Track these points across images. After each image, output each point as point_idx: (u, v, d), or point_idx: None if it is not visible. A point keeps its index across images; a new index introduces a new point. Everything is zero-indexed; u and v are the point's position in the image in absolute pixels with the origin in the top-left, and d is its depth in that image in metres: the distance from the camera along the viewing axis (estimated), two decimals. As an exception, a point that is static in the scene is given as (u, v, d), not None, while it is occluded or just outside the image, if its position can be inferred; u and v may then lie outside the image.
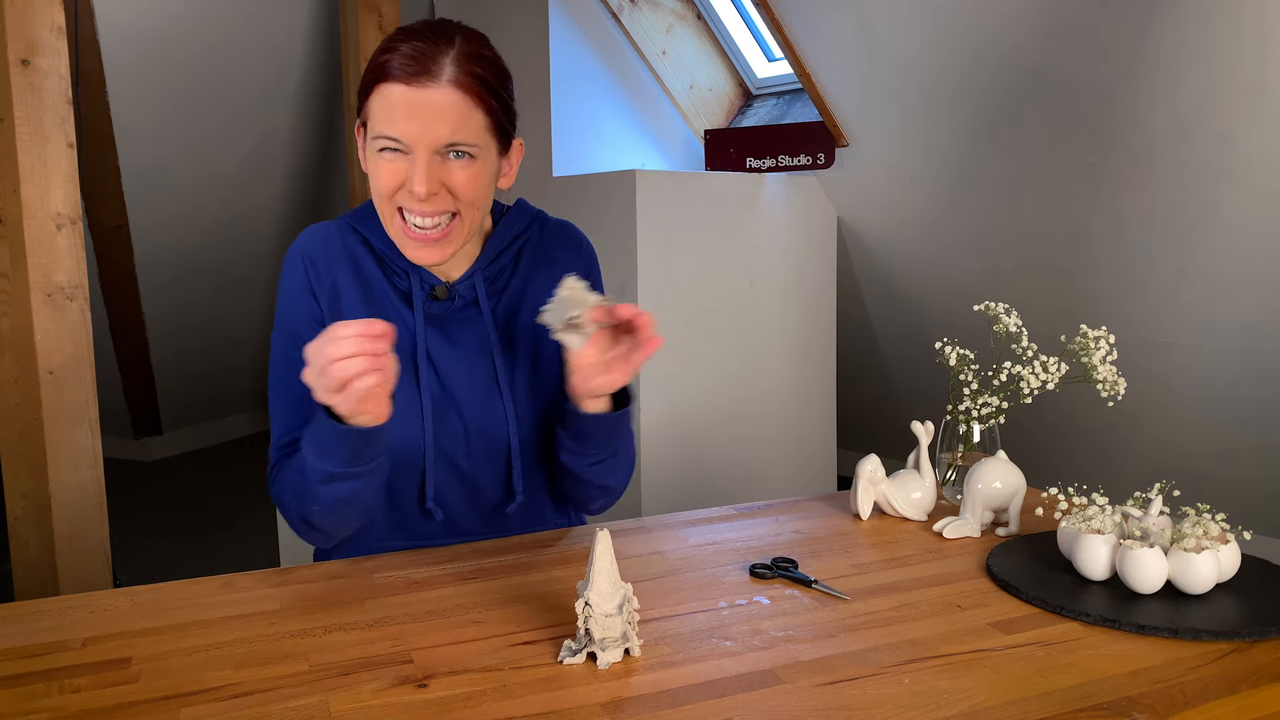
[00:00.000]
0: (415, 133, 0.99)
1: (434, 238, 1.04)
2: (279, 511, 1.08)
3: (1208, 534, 0.93)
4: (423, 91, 0.98)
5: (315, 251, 1.12)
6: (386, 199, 1.04)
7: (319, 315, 1.10)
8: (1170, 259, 2.58)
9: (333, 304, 1.10)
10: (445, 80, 0.99)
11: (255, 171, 3.99)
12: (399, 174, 1.01)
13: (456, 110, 1.00)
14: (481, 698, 0.75)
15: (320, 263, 1.11)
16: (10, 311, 1.95)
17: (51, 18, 1.92)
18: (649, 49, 3.51)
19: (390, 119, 0.99)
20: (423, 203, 1.02)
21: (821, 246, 3.32)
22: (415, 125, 0.99)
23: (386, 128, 1.00)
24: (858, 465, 1.20)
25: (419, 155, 1.00)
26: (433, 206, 1.02)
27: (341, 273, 1.11)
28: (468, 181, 1.03)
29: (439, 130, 0.99)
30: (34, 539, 2.02)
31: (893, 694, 0.75)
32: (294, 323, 1.10)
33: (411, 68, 0.98)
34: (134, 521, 3.51)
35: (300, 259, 1.12)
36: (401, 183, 1.02)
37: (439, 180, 1.01)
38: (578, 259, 1.21)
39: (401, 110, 0.99)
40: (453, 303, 1.12)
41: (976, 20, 2.55)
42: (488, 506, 1.15)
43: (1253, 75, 2.17)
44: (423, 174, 1.00)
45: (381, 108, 1.00)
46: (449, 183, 1.02)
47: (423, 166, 1.00)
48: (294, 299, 1.11)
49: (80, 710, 0.73)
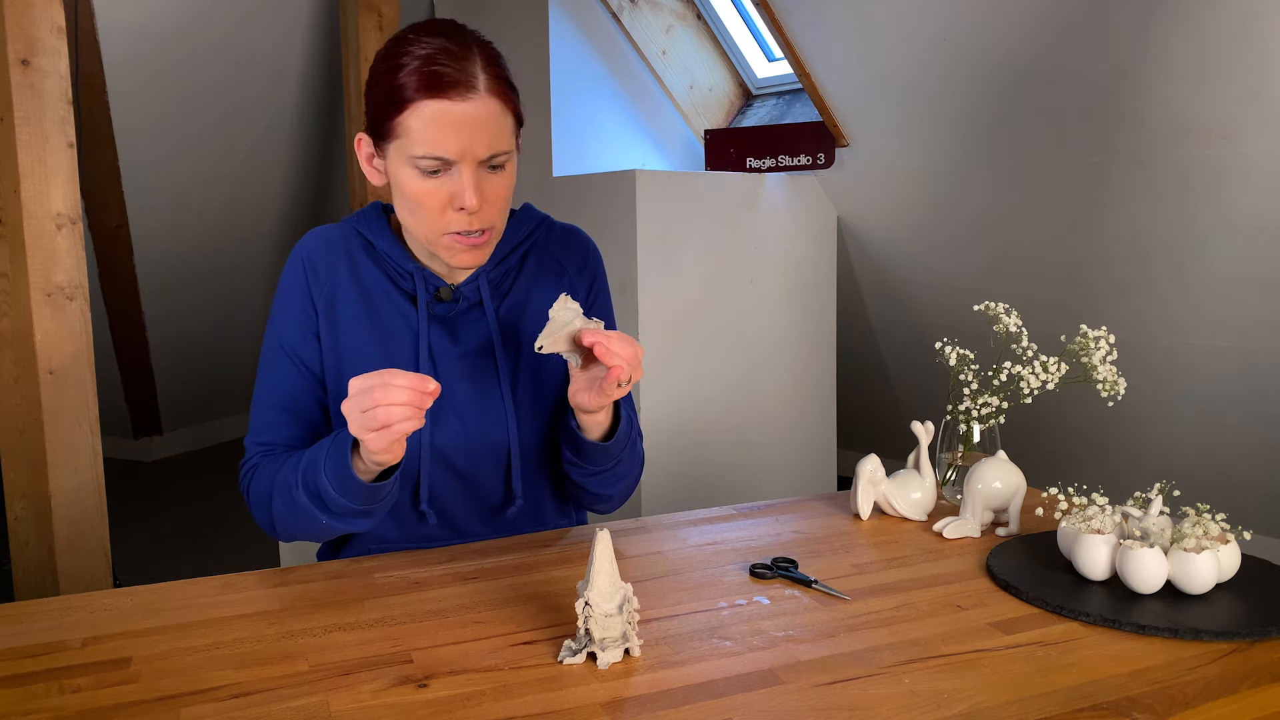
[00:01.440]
0: (462, 148, 0.98)
1: (479, 241, 1.04)
2: (248, 505, 1.09)
3: (1208, 534, 0.93)
4: (464, 105, 0.97)
5: (316, 255, 1.12)
6: (435, 219, 1.02)
7: (312, 323, 1.10)
8: (1170, 259, 2.58)
9: (330, 308, 1.10)
10: (483, 91, 0.98)
11: (255, 171, 3.99)
12: (441, 192, 1.00)
13: (495, 119, 0.99)
14: (481, 698, 0.75)
15: (321, 267, 1.11)
16: (10, 311, 1.95)
17: (51, 18, 1.92)
18: (649, 49, 3.51)
19: (434, 137, 0.97)
20: (472, 216, 1.01)
21: (821, 246, 3.32)
22: (462, 140, 0.98)
23: (432, 147, 0.98)
24: (858, 465, 1.20)
25: (465, 169, 0.99)
26: (480, 220, 1.02)
27: (341, 278, 1.11)
28: (504, 188, 1.03)
29: (483, 142, 0.99)
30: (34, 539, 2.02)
31: (893, 694, 0.75)
32: (284, 329, 1.11)
33: (449, 81, 0.96)
34: (134, 521, 3.51)
35: (301, 263, 1.12)
36: (446, 201, 1.01)
37: (482, 193, 1.01)
38: (584, 264, 1.21)
39: (446, 127, 0.97)
40: (457, 304, 1.12)
41: (977, 20, 2.55)
42: (487, 508, 1.15)
43: (1253, 75, 2.17)
44: (473, 188, 0.99)
45: (421, 126, 0.98)
46: (488, 193, 1.02)
47: (471, 180, 0.99)
48: (289, 304, 1.11)
49: (80, 710, 0.73)
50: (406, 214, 1.05)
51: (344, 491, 0.96)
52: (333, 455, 0.96)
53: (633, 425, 1.14)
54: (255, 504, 1.08)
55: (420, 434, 1.08)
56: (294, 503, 1.00)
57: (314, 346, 1.11)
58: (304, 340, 1.11)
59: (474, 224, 1.02)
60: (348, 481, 0.95)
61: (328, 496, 0.97)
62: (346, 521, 1.00)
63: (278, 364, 1.11)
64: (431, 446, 1.09)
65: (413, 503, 1.11)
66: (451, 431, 1.10)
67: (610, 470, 1.12)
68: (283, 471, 1.03)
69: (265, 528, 1.08)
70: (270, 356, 1.12)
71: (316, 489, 0.97)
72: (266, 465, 1.07)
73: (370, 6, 2.79)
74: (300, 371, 1.11)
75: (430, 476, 1.10)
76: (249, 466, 1.10)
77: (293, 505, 1.00)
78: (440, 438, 1.09)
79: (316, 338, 1.11)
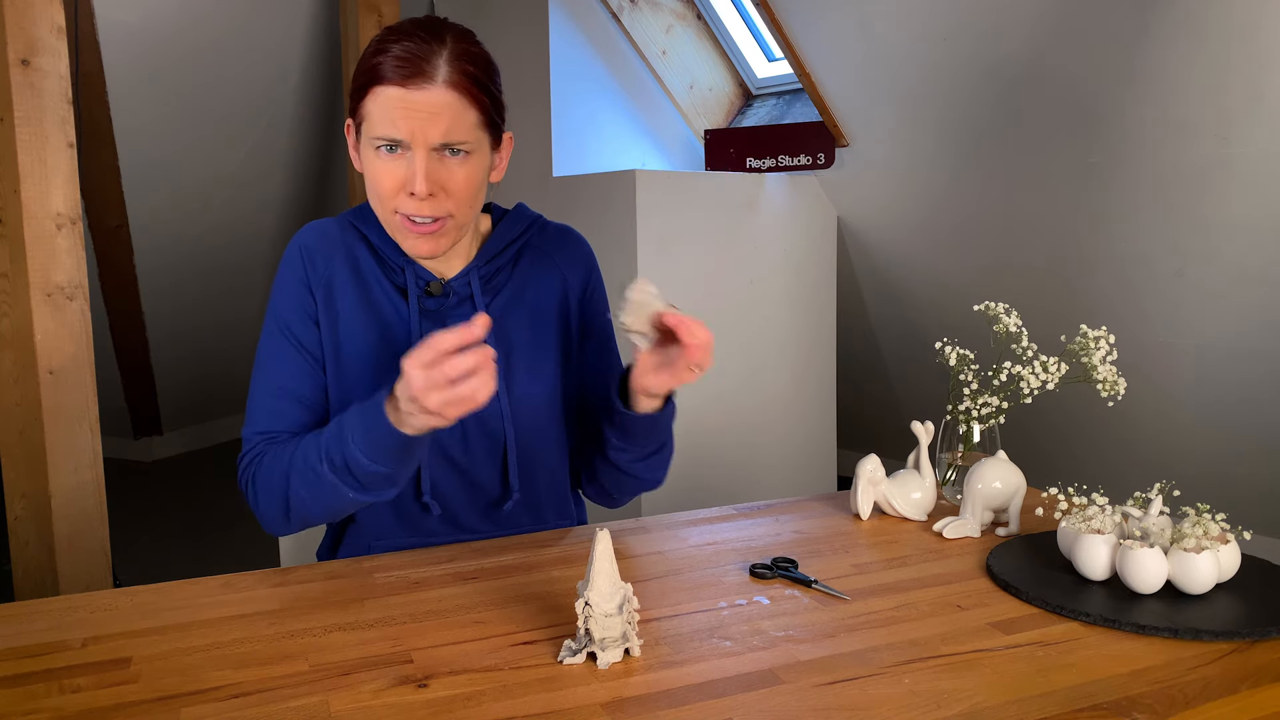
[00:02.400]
0: (412, 133, 1.00)
1: (431, 229, 1.05)
2: (250, 498, 1.08)
3: (1208, 534, 0.93)
4: (418, 93, 1.00)
5: (314, 245, 1.13)
6: (387, 199, 1.05)
7: (312, 309, 1.11)
8: (1170, 259, 2.58)
9: (328, 299, 1.11)
10: (440, 81, 1.00)
11: (255, 171, 3.99)
12: (397, 174, 1.03)
13: (451, 110, 1.01)
14: (481, 698, 0.75)
15: (318, 256, 1.12)
16: (10, 311, 1.95)
17: (51, 18, 1.92)
18: (649, 49, 3.51)
19: (387, 120, 1.01)
20: (421, 202, 1.03)
21: (821, 246, 3.32)
22: (412, 125, 1.00)
23: (384, 129, 1.01)
24: (858, 465, 1.20)
25: (417, 155, 1.01)
26: (430, 206, 1.03)
27: (339, 268, 1.12)
28: (465, 179, 1.04)
29: (435, 130, 1.00)
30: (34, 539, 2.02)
31: (893, 694, 0.75)
32: (285, 315, 1.11)
33: (406, 69, 1.00)
34: (134, 521, 3.51)
35: (299, 252, 1.13)
36: (401, 182, 1.03)
37: (437, 180, 1.03)
38: (578, 263, 1.22)
39: (398, 111, 1.00)
40: (447, 299, 1.13)
41: (977, 20, 2.55)
42: (486, 503, 1.15)
43: (1252, 76, 2.17)
44: (422, 173, 1.01)
45: (378, 109, 1.01)
46: (446, 181, 1.03)
47: (421, 166, 1.01)
48: (289, 292, 1.12)
49: (80, 710, 0.73)
50: (370, 197, 1.08)
51: (377, 456, 0.95)
52: (361, 424, 0.96)
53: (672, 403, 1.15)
54: (262, 492, 1.06)
55: None
56: (319, 479, 0.99)
57: (315, 332, 1.11)
58: (305, 326, 1.11)
59: (424, 209, 1.03)
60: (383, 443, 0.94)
61: (357, 466, 0.96)
62: (375, 490, 0.99)
63: (280, 351, 1.11)
64: (432, 439, 1.09)
65: (415, 494, 1.12)
66: (449, 428, 1.09)
67: (659, 452, 1.14)
68: (299, 453, 1.01)
69: (270, 519, 1.06)
70: (271, 344, 1.11)
71: (345, 461, 0.97)
72: (274, 452, 1.06)
73: (370, 6, 2.79)
74: (303, 357, 1.11)
75: (431, 468, 1.11)
76: (251, 457, 1.09)
77: (317, 482, 0.99)
78: (439, 432, 1.09)
79: (316, 324, 1.11)
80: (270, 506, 1.05)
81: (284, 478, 1.03)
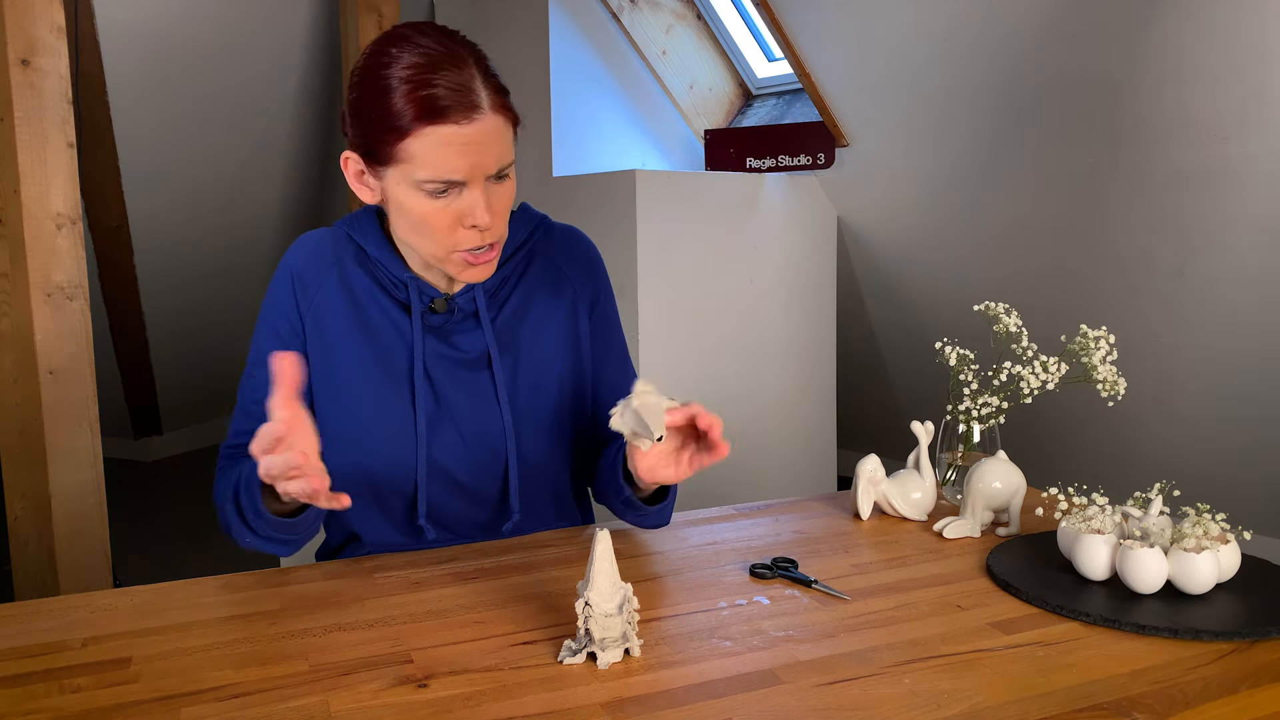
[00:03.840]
0: (471, 168, 0.96)
1: (490, 257, 1.03)
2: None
3: (1208, 534, 0.93)
4: (470, 127, 0.94)
5: (305, 267, 1.09)
6: (444, 239, 0.99)
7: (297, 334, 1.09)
8: (1170, 259, 2.58)
9: (318, 323, 1.08)
10: (486, 108, 0.96)
11: (255, 171, 3.99)
12: (451, 210, 0.98)
13: (501, 136, 0.98)
14: (481, 698, 0.75)
15: (309, 278, 1.09)
16: (10, 311, 1.95)
17: (51, 18, 1.92)
18: (649, 49, 3.51)
19: (442, 163, 0.95)
20: (484, 233, 1.00)
21: (821, 246, 3.32)
22: (470, 160, 0.95)
23: (440, 172, 0.95)
24: (858, 465, 1.20)
25: (475, 188, 0.97)
26: (492, 236, 1.01)
27: (331, 289, 1.09)
28: (509, 198, 1.02)
29: (490, 160, 0.97)
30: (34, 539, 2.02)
31: (893, 694, 0.75)
32: (264, 339, 1.10)
33: (451, 104, 0.93)
34: (134, 521, 3.51)
35: (289, 275, 1.09)
36: (456, 219, 0.98)
37: (492, 209, 0.99)
38: (586, 273, 1.18)
39: (454, 151, 0.94)
40: (452, 314, 1.10)
41: (977, 20, 2.55)
42: (486, 522, 1.13)
43: (1253, 76, 2.17)
44: (485, 205, 0.98)
45: (428, 151, 0.95)
46: (497, 206, 1.00)
47: (482, 199, 0.98)
48: (271, 315, 1.10)
49: (80, 710, 0.73)
50: (410, 233, 1.02)
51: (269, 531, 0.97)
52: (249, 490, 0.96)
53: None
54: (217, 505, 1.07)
55: (417, 448, 1.07)
56: (228, 513, 1.01)
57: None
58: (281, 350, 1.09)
59: (486, 239, 1.00)
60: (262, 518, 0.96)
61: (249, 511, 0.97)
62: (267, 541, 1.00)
63: (254, 374, 1.10)
64: (429, 460, 1.08)
65: (410, 517, 1.10)
66: (449, 444, 1.08)
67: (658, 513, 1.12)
68: (229, 479, 1.03)
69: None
70: (249, 365, 1.11)
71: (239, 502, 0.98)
72: (229, 469, 1.07)
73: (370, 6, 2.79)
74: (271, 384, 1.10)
75: (429, 490, 1.09)
76: (218, 470, 1.11)
77: (228, 514, 1.01)
78: (438, 451, 1.08)
79: (302, 349, 1.09)
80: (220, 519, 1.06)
81: (219, 496, 1.05)
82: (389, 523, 1.11)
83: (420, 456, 1.07)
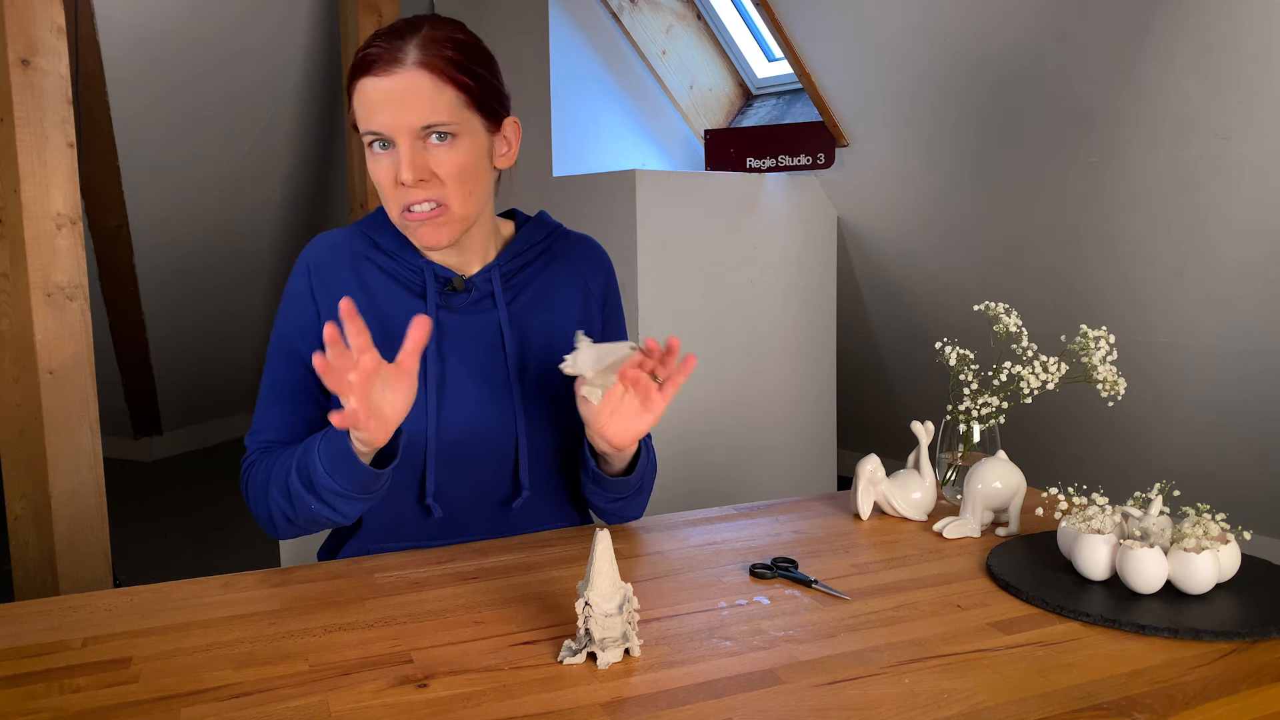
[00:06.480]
0: (390, 121, 1.01)
1: (429, 216, 1.05)
2: (247, 502, 1.12)
3: (1208, 534, 0.93)
4: (389, 79, 1.01)
5: (321, 260, 1.14)
6: (389, 197, 1.06)
7: (314, 325, 1.12)
8: (1170, 259, 2.58)
9: (334, 313, 1.11)
10: (410, 64, 1.01)
11: (255, 171, 3.99)
12: (392, 166, 1.04)
13: (424, 91, 1.01)
14: (481, 698, 0.75)
15: (326, 270, 1.13)
16: (10, 311, 1.95)
17: (51, 18, 1.92)
18: (649, 49, 3.51)
19: (367, 113, 1.02)
20: (413, 190, 1.04)
21: (821, 246, 3.32)
22: (388, 113, 1.01)
23: (365, 123, 1.03)
24: (858, 465, 1.20)
25: (401, 143, 1.02)
26: (424, 192, 1.04)
27: (345, 281, 1.12)
28: (453, 163, 1.04)
29: (410, 114, 1.01)
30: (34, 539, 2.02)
31: (893, 694, 0.75)
32: (287, 329, 1.13)
33: (378, 60, 1.01)
34: (134, 521, 3.51)
35: (306, 266, 1.14)
36: (395, 176, 1.04)
37: (426, 166, 1.03)
38: (600, 271, 1.23)
39: (375, 101, 1.02)
40: (469, 294, 1.13)
41: (977, 20, 2.55)
42: (493, 503, 1.15)
43: (1252, 75, 2.17)
44: (407, 160, 1.02)
45: (360, 105, 1.03)
46: (435, 167, 1.04)
47: (406, 153, 1.02)
48: (292, 306, 1.13)
49: (80, 710, 0.73)
50: (382, 202, 1.09)
51: (333, 472, 0.97)
52: (329, 436, 0.98)
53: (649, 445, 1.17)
54: (253, 500, 1.10)
55: (426, 427, 1.08)
56: (289, 488, 1.02)
57: (314, 347, 1.11)
58: (304, 341, 1.12)
59: (416, 195, 1.04)
60: (339, 461, 0.97)
61: (316, 477, 0.98)
62: (334, 507, 1.00)
63: (278, 364, 1.14)
64: (438, 439, 1.09)
65: (418, 496, 1.12)
66: (459, 424, 1.10)
67: (635, 495, 1.15)
68: (281, 461, 1.05)
69: (264, 525, 1.10)
70: (272, 357, 1.14)
71: (308, 472, 0.99)
72: (264, 460, 1.09)
73: (370, 6, 2.79)
74: (299, 371, 1.12)
75: (436, 469, 1.10)
76: (248, 464, 1.12)
77: (286, 491, 1.02)
78: (447, 430, 1.10)
79: (318, 339, 1.11)
80: (258, 512, 1.09)
81: (266, 485, 1.06)
82: (393, 505, 1.12)
83: (430, 436, 1.08)
